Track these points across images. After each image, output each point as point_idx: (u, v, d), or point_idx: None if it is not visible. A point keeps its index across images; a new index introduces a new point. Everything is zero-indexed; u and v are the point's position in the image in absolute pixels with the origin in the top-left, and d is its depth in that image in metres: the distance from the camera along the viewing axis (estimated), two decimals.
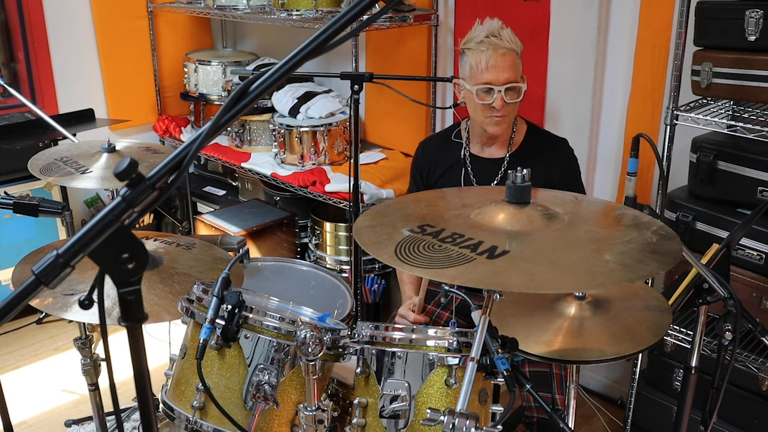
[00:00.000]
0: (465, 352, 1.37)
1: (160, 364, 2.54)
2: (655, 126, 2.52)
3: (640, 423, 2.47)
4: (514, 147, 2.17)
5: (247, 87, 0.82)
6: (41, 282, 0.77)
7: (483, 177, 2.19)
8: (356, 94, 2.34)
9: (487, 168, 2.19)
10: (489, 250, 1.19)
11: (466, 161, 2.21)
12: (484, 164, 2.19)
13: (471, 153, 2.22)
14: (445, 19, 3.11)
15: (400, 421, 1.38)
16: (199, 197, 3.88)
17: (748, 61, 1.99)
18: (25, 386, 3.03)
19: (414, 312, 2.06)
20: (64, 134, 2.28)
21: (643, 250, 1.23)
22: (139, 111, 3.96)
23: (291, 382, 1.50)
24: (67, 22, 3.67)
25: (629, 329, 1.56)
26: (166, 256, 1.74)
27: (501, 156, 2.17)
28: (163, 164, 0.80)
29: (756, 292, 2.09)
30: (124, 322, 0.85)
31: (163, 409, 1.56)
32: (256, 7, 3.32)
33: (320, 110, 3.23)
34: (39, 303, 1.56)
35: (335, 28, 0.80)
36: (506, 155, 2.16)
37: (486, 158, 2.20)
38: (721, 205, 2.19)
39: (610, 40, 2.62)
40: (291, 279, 2.08)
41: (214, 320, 1.44)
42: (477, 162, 2.21)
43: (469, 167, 2.21)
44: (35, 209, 1.80)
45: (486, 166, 2.19)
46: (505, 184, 1.35)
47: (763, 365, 2.06)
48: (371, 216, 1.42)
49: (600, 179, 2.79)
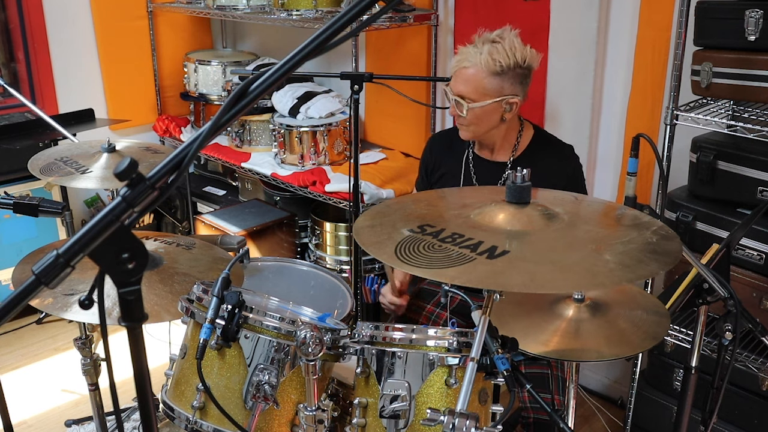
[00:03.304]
0: (465, 352, 1.37)
1: (160, 364, 2.54)
2: (655, 126, 2.52)
3: (640, 423, 2.47)
4: (518, 152, 2.15)
5: (247, 87, 0.82)
6: (41, 282, 0.77)
7: (485, 180, 2.18)
8: (356, 94, 2.34)
9: (489, 171, 2.18)
10: (489, 250, 1.20)
11: (469, 162, 2.21)
12: (487, 167, 2.19)
13: (475, 154, 2.21)
14: (445, 19, 3.11)
15: (400, 421, 1.38)
16: (199, 197, 3.88)
17: (748, 61, 1.99)
18: (25, 386, 3.03)
19: (392, 295, 2.17)
20: (64, 134, 2.28)
21: (643, 250, 1.23)
22: (139, 111, 3.96)
23: (291, 382, 1.50)
24: (67, 22, 3.67)
25: (626, 333, 1.56)
26: (166, 256, 1.74)
27: (504, 160, 2.16)
28: (163, 164, 0.80)
29: (756, 292, 2.09)
30: (124, 322, 0.85)
31: (163, 409, 1.56)
32: (256, 7, 3.32)
33: (320, 110, 3.23)
34: (39, 303, 1.56)
35: (335, 28, 0.80)
36: (509, 159, 2.15)
37: (490, 161, 2.19)
38: (721, 205, 2.19)
39: (610, 40, 2.62)
40: (291, 279, 2.08)
41: (214, 320, 1.44)
42: (480, 164, 2.20)
43: (471, 169, 2.20)
44: (35, 209, 1.80)
45: (489, 168, 2.18)
46: (505, 184, 1.35)
47: (763, 365, 2.06)
48: (371, 216, 1.42)
49: (600, 179, 2.79)
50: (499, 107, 2.03)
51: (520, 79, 2.03)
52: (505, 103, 2.03)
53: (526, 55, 2.02)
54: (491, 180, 2.17)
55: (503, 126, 2.10)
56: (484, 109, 2.02)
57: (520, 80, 2.03)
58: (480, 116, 2.05)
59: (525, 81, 2.06)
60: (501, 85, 2.01)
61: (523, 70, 2.03)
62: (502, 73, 1.99)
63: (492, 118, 2.05)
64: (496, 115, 2.05)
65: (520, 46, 2.02)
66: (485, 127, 2.08)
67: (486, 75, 2.00)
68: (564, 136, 2.26)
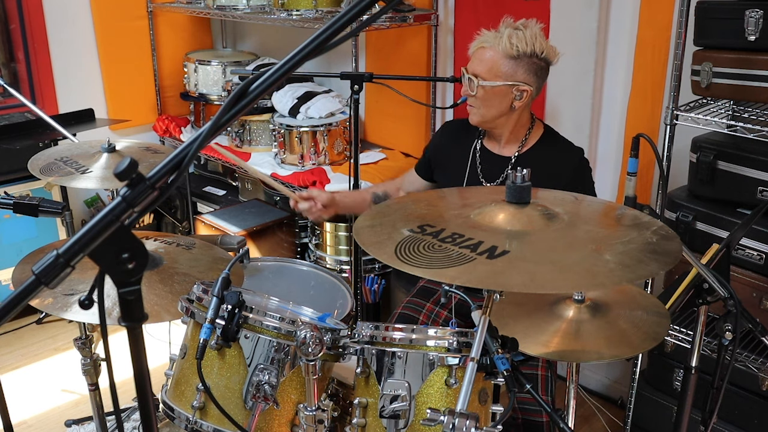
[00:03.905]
0: (465, 352, 1.37)
1: (160, 364, 2.54)
2: (655, 126, 2.52)
3: (640, 423, 2.47)
4: (524, 148, 2.15)
5: (247, 87, 0.82)
6: (41, 282, 0.77)
7: (489, 172, 2.18)
8: (356, 94, 2.34)
9: (494, 164, 2.18)
10: (489, 250, 1.19)
11: (476, 153, 2.21)
12: (493, 159, 2.19)
13: (483, 146, 2.22)
14: (445, 19, 3.11)
15: (400, 421, 1.38)
16: (199, 197, 3.88)
17: (748, 61, 1.99)
18: (25, 386, 3.03)
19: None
20: (64, 134, 2.28)
21: (643, 250, 1.23)
22: (139, 111, 3.96)
23: (291, 382, 1.50)
24: (67, 22, 3.67)
25: (626, 333, 1.56)
26: (166, 256, 1.74)
27: (509, 155, 2.16)
28: (163, 164, 0.80)
29: (756, 292, 2.09)
30: (124, 322, 0.85)
31: (163, 409, 1.56)
32: (256, 7, 3.32)
33: (320, 110, 3.23)
34: (39, 303, 1.56)
35: (335, 28, 0.80)
36: (514, 154, 2.15)
37: (496, 154, 2.19)
38: (721, 205, 2.19)
39: (610, 40, 2.62)
40: (291, 279, 2.08)
41: (214, 320, 1.43)
42: (486, 156, 2.20)
43: (478, 159, 2.21)
44: (35, 209, 1.80)
45: (494, 161, 2.18)
46: (505, 184, 1.35)
47: (763, 365, 2.06)
48: (371, 216, 1.42)
49: (600, 179, 2.79)
50: (510, 92, 2.05)
51: (535, 69, 2.05)
52: (516, 89, 2.04)
53: (544, 48, 2.04)
54: (494, 173, 2.18)
55: (513, 116, 2.10)
56: (494, 90, 2.04)
57: (536, 71, 2.05)
58: (489, 97, 2.06)
59: (540, 73, 2.07)
60: (515, 69, 2.03)
61: (540, 61, 2.05)
62: (517, 57, 2.02)
63: (501, 102, 2.07)
64: (506, 100, 2.06)
65: (541, 37, 2.05)
66: (494, 112, 2.09)
67: (502, 57, 2.03)
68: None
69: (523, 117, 2.14)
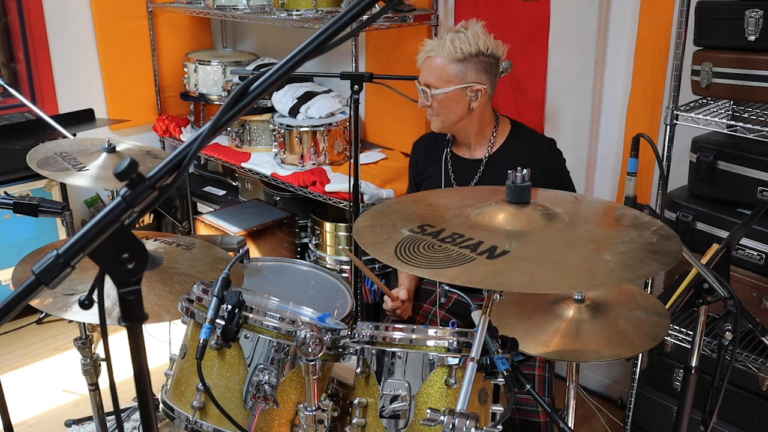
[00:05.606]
0: (465, 352, 1.37)
1: (160, 364, 2.54)
2: (655, 126, 2.52)
3: (640, 423, 2.47)
4: (493, 148, 2.15)
5: (247, 87, 0.82)
6: (41, 282, 0.77)
7: (462, 178, 2.19)
8: (356, 94, 2.34)
9: (466, 169, 2.18)
10: (489, 250, 1.19)
11: (447, 161, 2.22)
12: (464, 165, 2.19)
13: (453, 153, 2.22)
14: (445, 19, 3.10)
15: (400, 421, 1.38)
16: (199, 197, 3.88)
17: (748, 61, 1.99)
18: (25, 386, 3.03)
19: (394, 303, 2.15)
20: (64, 134, 2.28)
21: (643, 250, 1.23)
22: (139, 111, 3.96)
23: (291, 382, 1.50)
24: (67, 22, 3.67)
25: (626, 333, 1.56)
26: (166, 256, 1.74)
27: (480, 157, 2.16)
28: (163, 164, 0.80)
29: (756, 292, 2.09)
30: (124, 322, 0.85)
31: (163, 409, 1.56)
32: (256, 7, 3.32)
33: (320, 110, 3.23)
34: (39, 303, 1.56)
35: (335, 28, 0.80)
36: (485, 156, 2.15)
37: (466, 159, 2.19)
38: (721, 205, 2.19)
39: (610, 40, 2.62)
40: (291, 279, 2.08)
41: (214, 320, 1.44)
42: (457, 162, 2.21)
43: (450, 167, 2.21)
44: (35, 209, 1.80)
45: (465, 166, 2.18)
46: (505, 184, 1.35)
47: (763, 365, 2.06)
48: (371, 216, 1.42)
49: (600, 179, 2.79)
50: (464, 95, 2.06)
51: (485, 68, 2.05)
52: (469, 90, 2.05)
53: (489, 44, 2.05)
54: (467, 178, 2.18)
55: (474, 117, 2.10)
56: (447, 95, 2.05)
57: (485, 69, 2.05)
58: (445, 104, 2.07)
59: (491, 70, 2.07)
60: (464, 71, 2.04)
61: (487, 58, 2.05)
62: (464, 60, 2.03)
63: (458, 106, 2.07)
64: (462, 103, 2.07)
65: (484, 35, 2.05)
66: (453, 117, 2.09)
67: (449, 62, 2.04)
68: (564, 136, 2.26)
69: (486, 116, 2.14)
